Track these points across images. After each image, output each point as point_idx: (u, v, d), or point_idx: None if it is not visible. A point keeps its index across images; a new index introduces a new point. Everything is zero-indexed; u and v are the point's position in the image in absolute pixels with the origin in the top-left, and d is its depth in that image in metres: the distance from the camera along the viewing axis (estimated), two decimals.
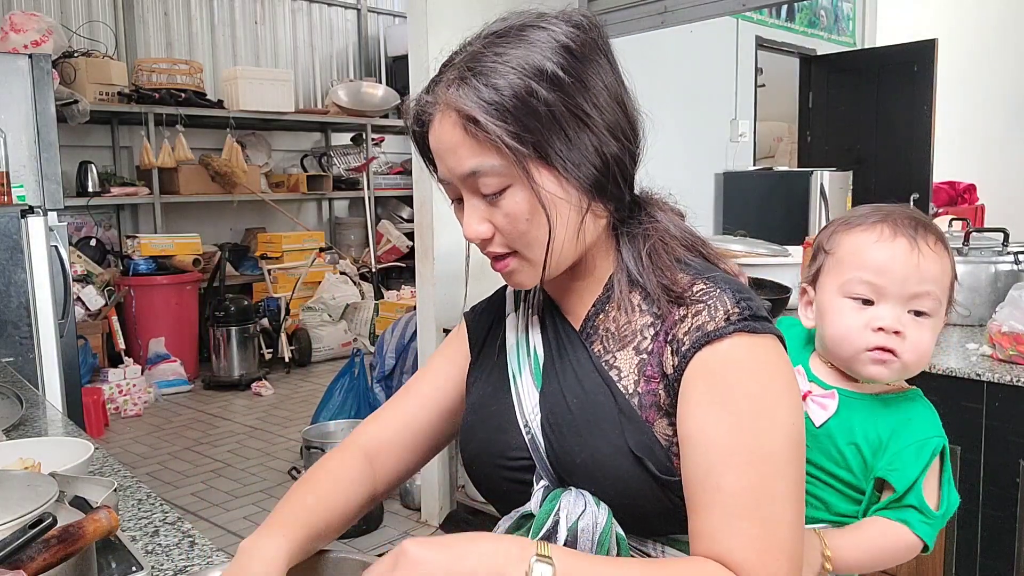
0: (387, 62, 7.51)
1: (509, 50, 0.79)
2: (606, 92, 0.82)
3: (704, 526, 0.77)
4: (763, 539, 0.75)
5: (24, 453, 1.14)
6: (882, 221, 0.98)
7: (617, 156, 0.83)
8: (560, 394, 0.86)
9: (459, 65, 0.81)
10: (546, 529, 0.81)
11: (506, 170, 0.79)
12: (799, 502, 0.78)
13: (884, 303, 0.96)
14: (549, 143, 0.79)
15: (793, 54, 5.69)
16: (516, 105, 0.77)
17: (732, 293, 0.81)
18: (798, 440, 0.79)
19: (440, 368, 1.03)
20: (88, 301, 4.94)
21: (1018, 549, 1.75)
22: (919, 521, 0.94)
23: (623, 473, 0.81)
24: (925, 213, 4.10)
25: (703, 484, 0.77)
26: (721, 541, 0.76)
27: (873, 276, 0.96)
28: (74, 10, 5.73)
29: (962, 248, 2.24)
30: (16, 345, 2.65)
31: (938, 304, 0.97)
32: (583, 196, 0.82)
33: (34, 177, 3.21)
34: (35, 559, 0.71)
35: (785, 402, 0.79)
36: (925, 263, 0.95)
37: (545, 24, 0.81)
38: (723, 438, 0.77)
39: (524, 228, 0.82)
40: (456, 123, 0.79)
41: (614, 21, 3.16)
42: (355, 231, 7.21)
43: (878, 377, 0.98)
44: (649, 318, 0.85)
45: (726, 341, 0.78)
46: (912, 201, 5.14)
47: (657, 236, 0.87)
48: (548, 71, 0.78)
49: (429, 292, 3.04)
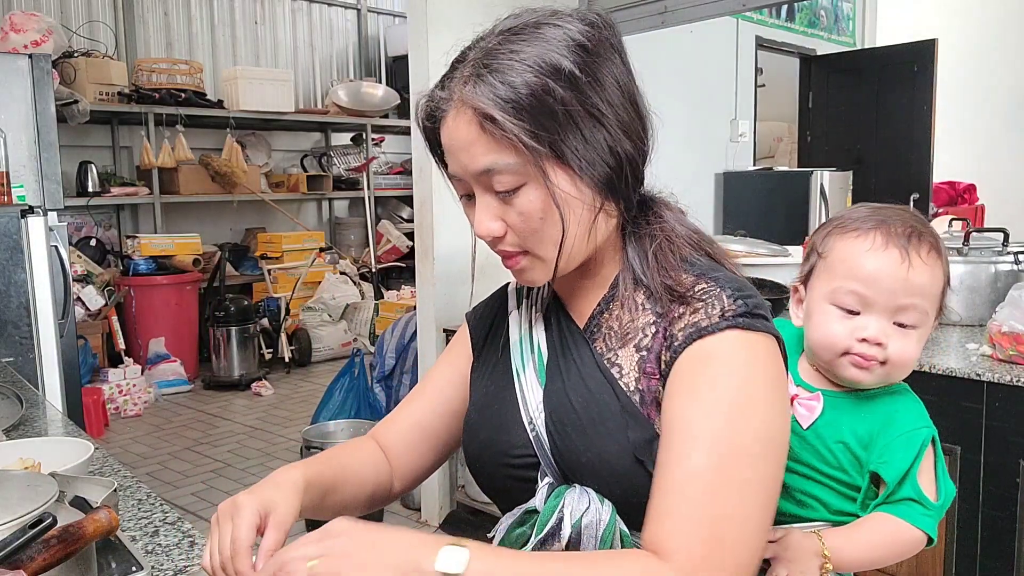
0: (387, 62, 7.52)
1: (525, 47, 0.79)
2: (619, 90, 0.82)
3: (656, 505, 0.76)
4: (709, 530, 0.72)
5: (24, 453, 1.14)
6: (876, 228, 0.96)
7: (630, 154, 0.83)
8: (564, 393, 0.87)
9: (474, 62, 0.80)
10: (550, 526, 0.82)
11: (521, 168, 0.79)
12: (762, 507, 0.76)
13: (870, 314, 0.96)
14: (565, 142, 0.79)
15: (793, 54, 5.69)
16: (533, 103, 0.77)
17: (731, 291, 0.81)
18: (774, 442, 0.78)
19: (444, 371, 1.04)
20: (88, 301, 4.94)
21: (1018, 549, 1.75)
22: (919, 514, 0.94)
23: (627, 471, 0.81)
24: (925, 213, 4.07)
25: (666, 465, 0.77)
26: (667, 522, 0.74)
27: (861, 287, 0.95)
28: (74, 10, 5.74)
29: (962, 248, 2.25)
30: (16, 345, 2.65)
31: (925, 316, 0.96)
32: (596, 195, 0.82)
33: (34, 177, 3.21)
34: (35, 559, 0.71)
35: (766, 401, 0.78)
36: (915, 275, 0.94)
37: (560, 22, 0.81)
38: (696, 423, 0.76)
39: (537, 226, 0.82)
40: (472, 120, 0.79)
41: (614, 21, 3.16)
42: (355, 231, 7.22)
43: (859, 381, 0.99)
44: (652, 316, 0.85)
45: (717, 336, 0.79)
46: (912, 201, 5.14)
47: (664, 236, 0.87)
48: (565, 69, 0.78)
49: (429, 292, 3.04)
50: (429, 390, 1.04)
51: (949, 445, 1.82)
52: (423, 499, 3.20)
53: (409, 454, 1.02)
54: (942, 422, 1.03)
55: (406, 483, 1.03)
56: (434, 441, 1.02)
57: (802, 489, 0.99)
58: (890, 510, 0.95)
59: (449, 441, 1.04)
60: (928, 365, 1.85)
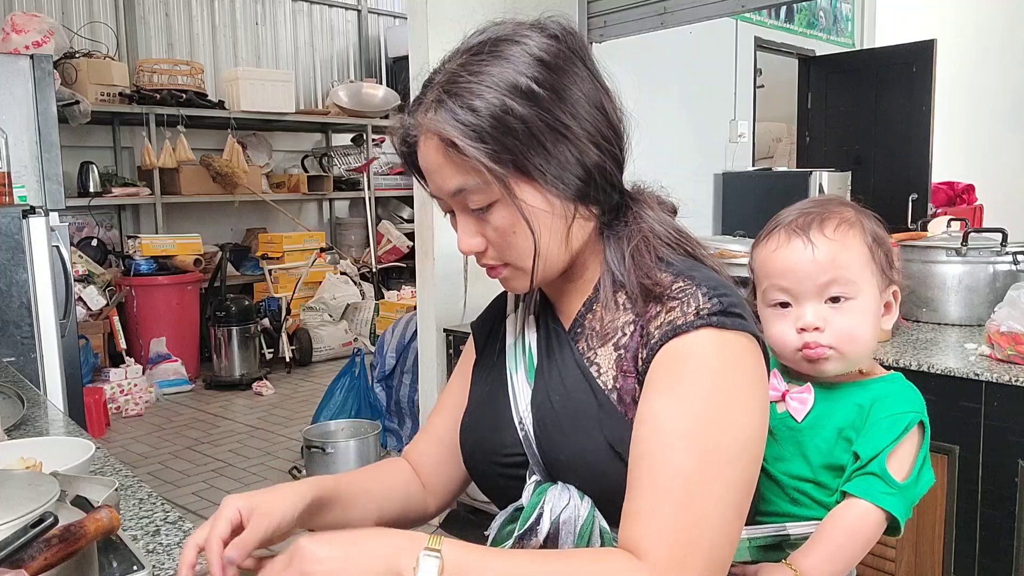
0: (387, 63, 7.52)
1: (484, 67, 0.80)
2: (584, 100, 0.82)
3: (632, 505, 0.76)
4: (682, 531, 0.73)
5: (25, 452, 1.15)
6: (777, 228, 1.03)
7: (598, 164, 0.83)
8: (546, 392, 0.89)
9: (437, 86, 0.82)
10: (531, 521, 0.83)
11: (489, 188, 0.81)
12: (735, 508, 0.76)
13: (800, 303, 1.00)
14: (528, 159, 0.80)
15: (792, 55, 5.68)
16: (493, 125, 0.78)
17: (707, 289, 0.82)
18: (751, 441, 0.78)
19: (457, 383, 1.06)
20: (89, 301, 4.94)
21: (1017, 549, 1.75)
22: (879, 491, 0.93)
23: (604, 467, 0.82)
24: (924, 213, 4.06)
25: (640, 463, 0.77)
26: (640, 523, 0.75)
27: (780, 281, 1.01)
28: (75, 11, 5.74)
29: (960, 248, 2.25)
30: (18, 345, 2.65)
31: (854, 285, 0.99)
32: (567, 205, 0.83)
33: (35, 178, 3.21)
34: (36, 558, 0.71)
35: (743, 400, 0.78)
36: (821, 253, 0.98)
37: (519, 38, 0.82)
38: (671, 422, 0.76)
39: (512, 241, 0.84)
40: (438, 146, 0.81)
41: (614, 22, 3.17)
42: (356, 231, 7.22)
43: (822, 372, 1.01)
44: (631, 315, 0.86)
45: (692, 335, 0.79)
46: (911, 201, 5.15)
47: (640, 236, 0.88)
48: (523, 86, 0.79)
49: (429, 292, 3.04)
50: (447, 404, 1.06)
51: (948, 445, 1.82)
52: None
53: (437, 470, 1.04)
54: (940, 422, 1.04)
55: (440, 500, 1.05)
56: (458, 454, 1.02)
57: (798, 488, 1.00)
58: (850, 487, 0.94)
59: None
60: (927, 365, 1.85)
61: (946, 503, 1.84)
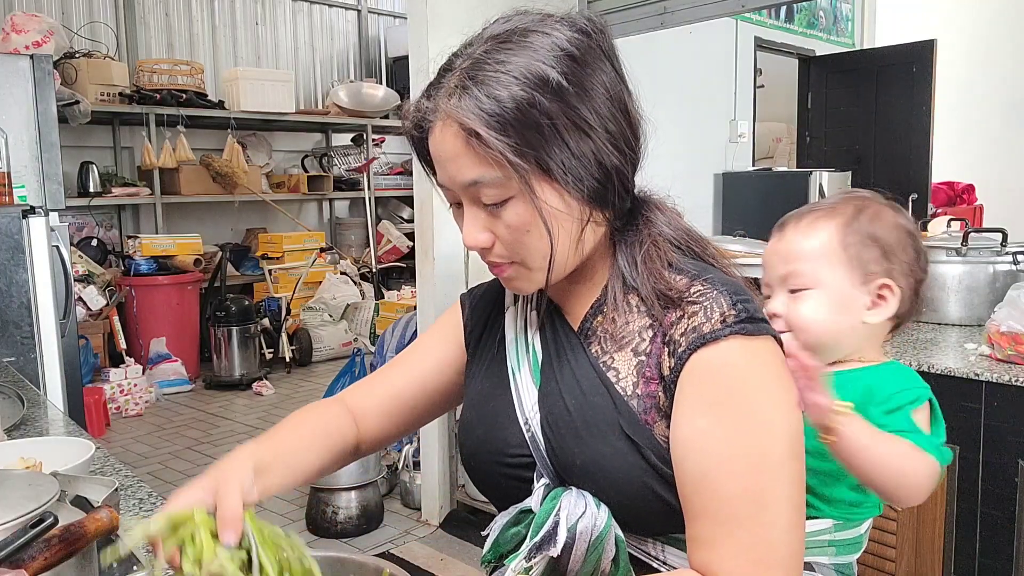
0: (387, 63, 7.52)
1: (511, 57, 0.77)
2: (609, 99, 0.80)
3: (699, 532, 0.77)
4: (757, 548, 0.75)
5: (25, 452, 1.15)
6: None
7: (618, 166, 0.81)
8: (559, 395, 0.86)
9: (460, 71, 0.78)
10: (546, 529, 0.81)
11: (507, 183, 0.78)
12: (798, 507, 0.78)
13: (772, 294, 1.08)
14: (551, 156, 0.77)
15: (792, 55, 5.68)
16: (518, 118, 0.75)
17: (728, 295, 0.81)
18: (795, 441, 0.79)
19: (430, 347, 1.04)
20: (89, 301, 4.94)
21: (1017, 549, 1.75)
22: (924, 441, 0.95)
23: (623, 475, 0.81)
24: (924, 213, 4.07)
25: (698, 489, 0.77)
26: (715, 548, 0.76)
27: (761, 274, 1.10)
28: (75, 11, 5.74)
29: (960, 248, 2.25)
30: (17, 345, 2.65)
31: (813, 276, 1.03)
32: (584, 207, 0.81)
33: (35, 177, 3.21)
34: (36, 558, 0.71)
35: (781, 405, 0.79)
36: (786, 246, 1.05)
37: (548, 29, 0.79)
38: (719, 443, 0.76)
39: (524, 239, 0.81)
40: (457, 134, 0.77)
41: (614, 22, 3.16)
42: (356, 231, 7.22)
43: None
44: (647, 320, 0.84)
45: (722, 344, 0.78)
46: (911, 201, 5.14)
47: (651, 240, 0.87)
48: (552, 80, 0.76)
49: (429, 292, 3.04)
50: (412, 361, 1.04)
51: (948, 445, 1.82)
52: (423, 499, 3.20)
53: (380, 421, 1.01)
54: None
55: (372, 446, 1.02)
56: (408, 413, 1.02)
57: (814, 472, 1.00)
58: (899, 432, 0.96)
59: (422, 415, 1.04)
60: (927, 365, 1.85)
61: (946, 503, 1.84)
